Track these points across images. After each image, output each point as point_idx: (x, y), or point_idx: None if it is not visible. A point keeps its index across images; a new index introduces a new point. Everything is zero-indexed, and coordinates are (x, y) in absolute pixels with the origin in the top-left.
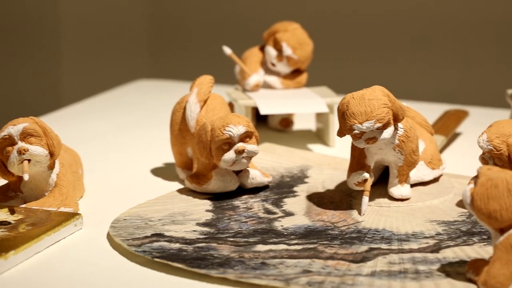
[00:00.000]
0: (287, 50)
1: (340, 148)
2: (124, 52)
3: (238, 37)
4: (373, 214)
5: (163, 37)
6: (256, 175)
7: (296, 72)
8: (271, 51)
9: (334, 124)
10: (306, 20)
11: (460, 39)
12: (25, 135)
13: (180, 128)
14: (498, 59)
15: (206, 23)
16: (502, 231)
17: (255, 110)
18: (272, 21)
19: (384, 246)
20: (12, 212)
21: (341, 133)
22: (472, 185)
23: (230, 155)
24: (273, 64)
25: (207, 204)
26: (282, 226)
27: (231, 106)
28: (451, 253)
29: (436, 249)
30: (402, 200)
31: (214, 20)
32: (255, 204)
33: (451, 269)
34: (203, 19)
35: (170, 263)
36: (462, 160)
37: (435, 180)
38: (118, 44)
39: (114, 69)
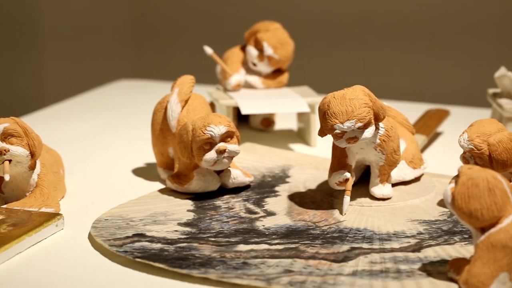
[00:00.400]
0: (268, 50)
1: (322, 148)
2: (106, 52)
3: (219, 37)
4: (354, 214)
5: (145, 37)
6: (238, 175)
7: (277, 72)
8: (252, 51)
9: (316, 123)
10: (287, 20)
11: (441, 38)
12: (6, 136)
13: (161, 128)
14: (479, 58)
15: (187, 23)
16: (483, 230)
17: (237, 110)
18: (253, 21)
19: (365, 245)
20: None
21: (322, 133)
22: (453, 184)
23: (211, 155)
24: (254, 64)
25: (188, 204)
26: (263, 225)
27: (212, 106)
28: (433, 252)
29: (417, 248)
30: (383, 199)
31: (196, 20)
32: (236, 204)
33: (432, 268)
34: (185, 19)
35: (151, 263)
36: (443, 159)
37: (416, 179)
38: (100, 44)
39: (95, 69)
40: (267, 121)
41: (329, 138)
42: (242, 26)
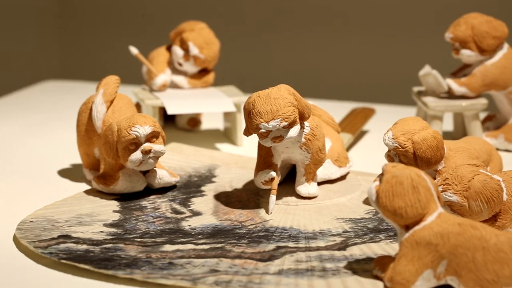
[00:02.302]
0: (194, 50)
1: (248, 147)
2: (30, 53)
3: (145, 37)
4: (280, 213)
5: (70, 37)
6: (164, 175)
7: (203, 72)
8: (177, 50)
9: (242, 123)
10: (212, 19)
11: (366, 37)
12: None
13: (86, 129)
14: (404, 57)
15: (112, 23)
16: (407, 227)
17: (163, 110)
18: (178, 21)
19: (291, 244)
20: None
21: (247, 132)
22: (377, 183)
23: (136, 155)
24: (180, 64)
25: (114, 204)
26: (189, 225)
27: (138, 106)
28: (358, 251)
29: (343, 246)
30: (309, 198)
31: (121, 20)
32: (162, 204)
33: (357, 267)
34: (110, 19)
35: (77, 264)
36: (369, 157)
37: (342, 178)
38: (24, 45)
39: (20, 71)
40: (194, 121)
41: (255, 138)
42: (168, 25)
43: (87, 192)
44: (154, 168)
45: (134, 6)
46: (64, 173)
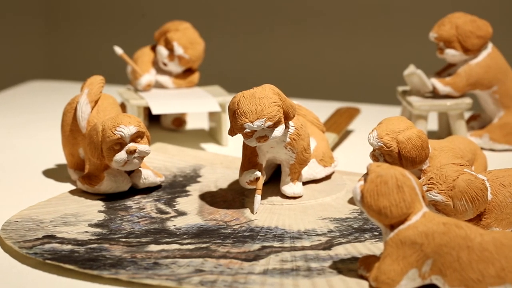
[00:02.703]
0: (179, 50)
1: (233, 147)
2: (15, 53)
3: (130, 37)
4: (265, 213)
5: (55, 37)
6: (149, 175)
7: (188, 72)
8: (162, 50)
9: (227, 123)
10: (197, 19)
11: (350, 36)
12: None
13: (71, 129)
14: (389, 57)
15: (97, 23)
16: (392, 227)
17: (147, 110)
18: (163, 21)
19: (276, 244)
20: None
21: (232, 132)
22: (362, 182)
23: (121, 155)
24: (165, 64)
25: (99, 204)
26: (174, 225)
27: (123, 106)
28: (343, 250)
29: (328, 246)
30: (294, 198)
31: (106, 19)
32: (147, 204)
33: (343, 266)
34: (95, 19)
35: (61, 264)
36: (354, 157)
37: (327, 177)
38: (10, 45)
39: (5, 70)
40: (179, 121)
41: (240, 137)
42: (153, 25)
43: (72, 192)
44: (139, 168)
45: (119, 6)
46: (49, 173)
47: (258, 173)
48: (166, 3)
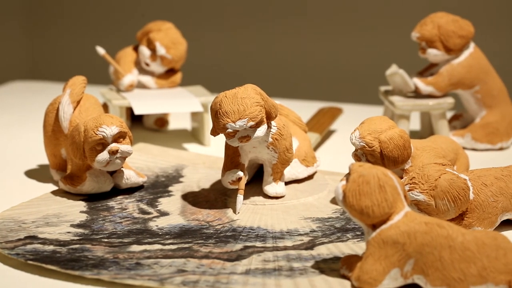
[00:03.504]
0: (161, 50)
1: (215, 147)
2: None
3: (112, 37)
4: (248, 213)
5: (37, 37)
6: (131, 175)
7: (170, 72)
8: (144, 50)
9: (209, 123)
10: (179, 19)
11: (332, 36)
12: None
13: (53, 129)
14: (371, 56)
15: (79, 23)
16: (374, 227)
17: (130, 110)
18: (145, 21)
19: (258, 244)
20: None
21: (214, 132)
22: (344, 182)
23: (103, 155)
24: (147, 64)
25: (81, 205)
26: (157, 226)
27: (105, 106)
28: (325, 250)
29: (310, 246)
30: (276, 198)
31: (88, 20)
32: (130, 205)
33: (325, 266)
34: (77, 19)
35: (43, 265)
36: (336, 157)
37: (310, 177)
38: None
39: None
40: (161, 121)
41: (222, 137)
42: (135, 26)
43: (54, 192)
44: (121, 169)
45: (101, 6)
46: (31, 173)
47: (241, 173)
48: (150, 3)
